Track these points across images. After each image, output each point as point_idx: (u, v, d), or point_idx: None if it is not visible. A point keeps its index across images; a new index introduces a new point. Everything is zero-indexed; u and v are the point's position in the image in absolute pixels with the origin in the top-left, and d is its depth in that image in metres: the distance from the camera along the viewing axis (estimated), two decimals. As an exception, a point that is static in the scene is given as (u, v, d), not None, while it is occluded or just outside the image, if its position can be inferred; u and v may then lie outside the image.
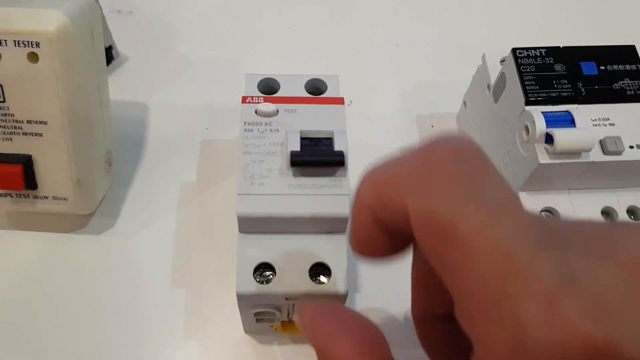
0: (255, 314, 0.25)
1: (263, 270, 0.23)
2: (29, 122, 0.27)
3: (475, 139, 0.31)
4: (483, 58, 0.30)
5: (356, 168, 0.26)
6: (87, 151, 0.28)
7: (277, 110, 0.25)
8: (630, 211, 0.26)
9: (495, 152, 0.29)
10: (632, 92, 0.26)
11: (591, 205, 0.26)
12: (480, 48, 0.31)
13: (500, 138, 0.28)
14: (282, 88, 0.27)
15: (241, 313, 0.25)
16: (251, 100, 0.25)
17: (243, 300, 0.23)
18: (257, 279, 0.23)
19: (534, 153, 0.24)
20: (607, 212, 0.26)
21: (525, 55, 0.26)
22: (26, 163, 0.27)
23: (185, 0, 0.41)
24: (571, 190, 0.26)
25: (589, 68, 0.26)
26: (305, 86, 0.27)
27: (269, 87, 0.27)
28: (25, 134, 0.27)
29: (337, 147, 0.23)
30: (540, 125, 0.24)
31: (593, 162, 0.24)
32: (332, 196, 0.23)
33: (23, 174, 0.27)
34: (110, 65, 0.36)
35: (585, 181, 0.26)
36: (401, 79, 0.38)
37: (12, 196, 0.29)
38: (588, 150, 0.24)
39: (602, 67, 0.26)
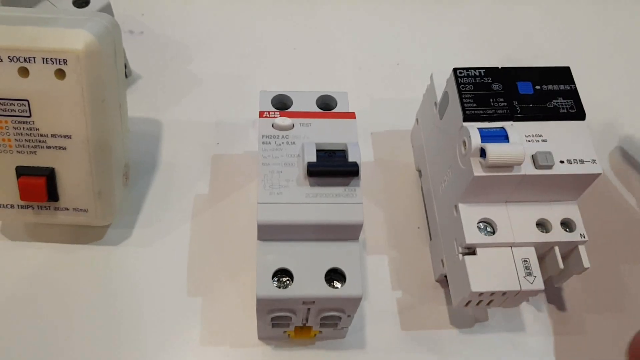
0: (272, 319, 0.26)
1: (280, 276, 0.25)
2: (53, 136, 0.28)
3: (425, 153, 0.33)
4: (431, 77, 0.32)
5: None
6: (107, 164, 0.29)
7: (293, 125, 0.27)
8: (565, 223, 0.27)
9: (441, 166, 0.30)
10: (565, 111, 0.27)
11: (527, 217, 0.27)
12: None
13: (445, 153, 0.29)
14: (295, 104, 0.28)
15: (258, 318, 0.26)
16: (268, 115, 0.27)
17: (262, 304, 0.25)
18: (275, 284, 0.24)
19: (469, 166, 0.26)
20: (542, 224, 0.27)
21: (465, 74, 0.28)
22: (49, 175, 0.28)
23: (194, 21, 0.42)
24: (508, 203, 0.27)
25: (525, 87, 0.28)
26: (316, 102, 0.29)
27: (281, 103, 0.29)
28: (49, 147, 0.28)
29: (351, 158, 0.25)
30: (476, 140, 0.25)
31: (525, 175, 0.26)
32: (347, 204, 0.25)
33: (46, 186, 0.28)
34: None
35: (520, 194, 0.27)
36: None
37: (33, 208, 0.30)
38: (518, 163, 0.25)
39: (538, 87, 0.28)
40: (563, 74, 0.28)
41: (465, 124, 0.27)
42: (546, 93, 0.28)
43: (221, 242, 0.32)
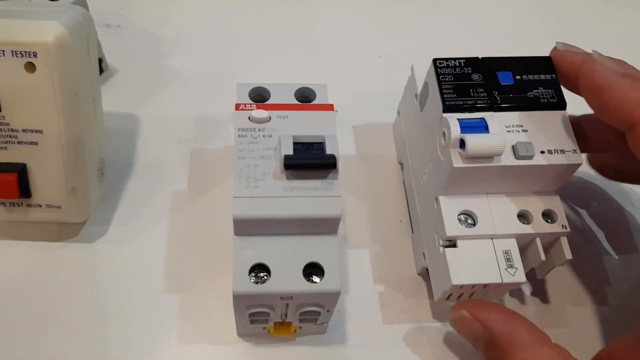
0: (250, 315, 0.25)
1: (258, 271, 0.24)
2: (24, 131, 0.27)
3: (406, 146, 0.33)
4: (412, 69, 0.31)
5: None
6: (81, 160, 0.29)
7: (270, 117, 0.26)
8: (546, 214, 0.27)
9: (422, 159, 0.29)
10: (546, 100, 0.27)
11: (508, 209, 0.27)
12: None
13: (426, 145, 0.29)
14: (273, 96, 0.28)
15: (236, 314, 0.26)
16: (244, 108, 0.26)
17: (239, 300, 0.24)
18: (252, 280, 0.24)
19: (449, 158, 0.25)
20: (523, 215, 0.27)
21: (445, 65, 0.27)
22: (21, 171, 0.28)
23: (173, 14, 0.42)
24: (489, 194, 0.27)
25: (505, 78, 0.27)
26: (295, 94, 0.28)
27: (259, 96, 0.28)
28: (20, 142, 0.27)
29: (329, 150, 0.24)
30: (455, 131, 0.25)
31: (505, 166, 0.25)
32: (325, 198, 0.24)
33: (17, 183, 0.28)
34: (100, 78, 0.37)
35: (501, 185, 0.27)
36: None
37: (5, 205, 0.29)
38: (498, 154, 0.25)
39: (518, 77, 0.27)
40: (544, 64, 0.28)
41: (445, 115, 0.26)
42: (527, 83, 0.27)
43: (200, 238, 0.32)
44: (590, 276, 0.32)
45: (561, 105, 0.27)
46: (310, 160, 0.24)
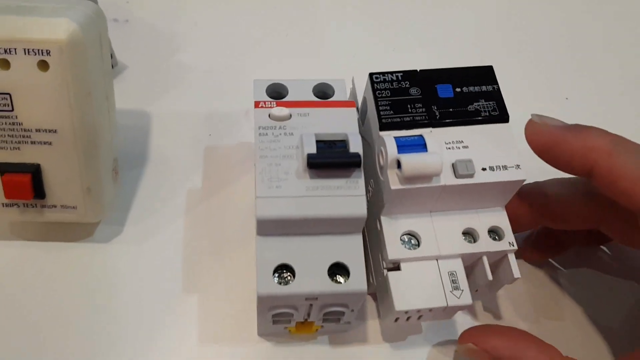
0: (273, 316, 0.25)
1: (281, 271, 0.24)
2: (37, 130, 0.26)
3: None
4: (352, 81, 0.30)
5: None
6: (96, 159, 0.28)
7: (290, 115, 0.26)
8: (492, 231, 0.26)
9: (367, 175, 0.27)
10: (487, 114, 0.26)
11: (453, 227, 0.26)
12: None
13: (369, 162, 0.27)
14: (290, 93, 0.27)
15: (259, 315, 0.25)
16: (264, 105, 0.26)
17: (263, 301, 0.24)
18: (276, 280, 0.23)
19: (387, 179, 0.24)
20: (469, 233, 0.26)
21: (382, 79, 0.26)
22: (35, 172, 0.27)
23: (182, 8, 0.41)
24: (432, 213, 0.26)
25: (444, 91, 0.26)
26: (312, 90, 0.27)
27: (276, 93, 0.28)
28: (33, 142, 0.27)
29: (353, 149, 0.24)
30: (392, 151, 0.24)
31: (445, 186, 0.24)
32: (349, 197, 0.24)
33: (32, 184, 0.27)
34: (109, 74, 0.37)
35: (443, 204, 0.25)
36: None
37: (19, 206, 0.28)
38: (436, 174, 0.23)
39: (458, 89, 0.26)
40: (485, 74, 0.26)
41: (381, 133, 0.25)
42: (467, 96, 0.26)
43: (216, 236, 0.31)
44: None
45: (503, 118, 0.26)
46: (334, 159, 0.24)
